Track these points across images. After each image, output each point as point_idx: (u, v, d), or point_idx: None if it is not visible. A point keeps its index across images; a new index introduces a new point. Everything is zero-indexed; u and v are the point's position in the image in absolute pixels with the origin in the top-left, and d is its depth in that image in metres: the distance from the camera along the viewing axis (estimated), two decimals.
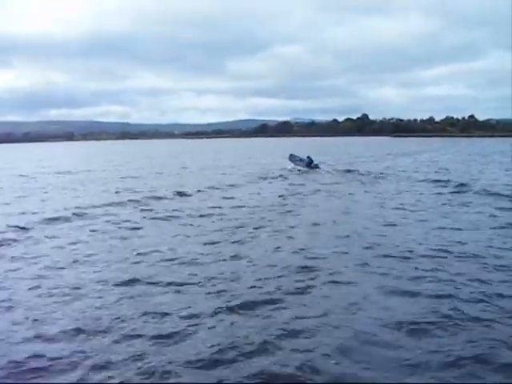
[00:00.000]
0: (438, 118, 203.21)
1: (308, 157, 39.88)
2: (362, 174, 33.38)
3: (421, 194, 23.36)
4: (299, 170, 38.27)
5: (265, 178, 32.28)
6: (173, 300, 8.87)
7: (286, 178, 32.38)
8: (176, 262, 11.40)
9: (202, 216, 17.65)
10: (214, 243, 13.25)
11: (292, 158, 41.65)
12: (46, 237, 14.28)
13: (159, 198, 22.35)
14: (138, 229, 15.57)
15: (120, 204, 20.56)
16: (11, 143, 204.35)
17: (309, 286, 9.45)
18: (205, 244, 13.13)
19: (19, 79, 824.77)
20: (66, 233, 14.95)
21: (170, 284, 9.75)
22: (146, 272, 10.61)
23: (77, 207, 19.40)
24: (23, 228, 15.39)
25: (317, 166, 38.98)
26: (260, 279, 9.97)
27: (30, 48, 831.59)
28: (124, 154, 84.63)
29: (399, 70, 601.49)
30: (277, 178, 32.81)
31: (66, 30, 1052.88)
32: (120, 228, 15.70)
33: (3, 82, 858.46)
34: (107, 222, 16.72)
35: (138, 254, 12.15)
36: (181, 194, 23.68)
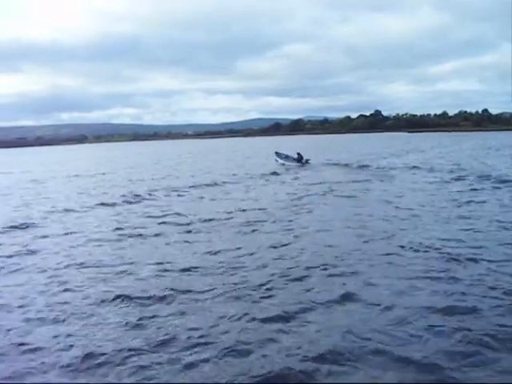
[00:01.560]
0: (451, 113, 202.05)
1: (298, 153, 41.81)
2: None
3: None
4: (284, 165, 40.68)
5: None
6: None
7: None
8: None
9: None
10: None
11: (278, 155, 43.84)
12: None
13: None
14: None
15: None
16: (24, 147, 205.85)
17: None
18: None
19: (30, 84, 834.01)
20: None
21: None
22: None
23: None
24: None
25: (307, 162, 40.64)
26: None
27: (40, 53, 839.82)
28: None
29: (410, 65, 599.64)
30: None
31: (75, 34, 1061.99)
32: None
33: (15, 87, 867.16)
34: None
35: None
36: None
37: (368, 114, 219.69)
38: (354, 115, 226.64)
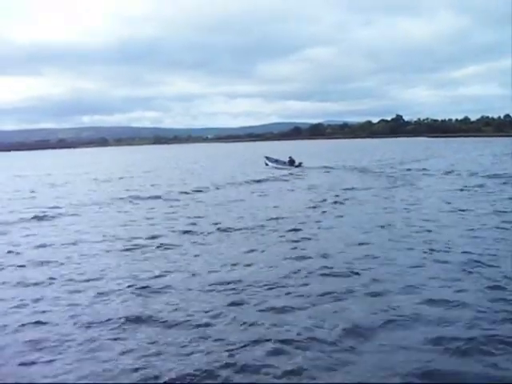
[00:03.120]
0: (472, 118, 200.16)
1: (290, 157, 43.64)
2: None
3: None
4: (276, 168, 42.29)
5: None
6: None
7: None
8: None
9: None
10: None
11: (268, 159, 45.88)
12: None
13: None
14: None
15: None
16: (46, 149, 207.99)
17: None
18: None
19: (52, 87, 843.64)
20: None
21: None
22: None
23: None
24: None
25: (300, 165, 42.11)
26: None
27: (62, 56, 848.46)
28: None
29: (431, 69, 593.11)
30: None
31: (96, 37, 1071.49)
32: None
33: (36, 90, 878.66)
34: None
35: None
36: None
37: (389, 118, 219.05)
38: (374, 120, 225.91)
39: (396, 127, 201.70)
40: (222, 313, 8.17)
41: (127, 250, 13.10)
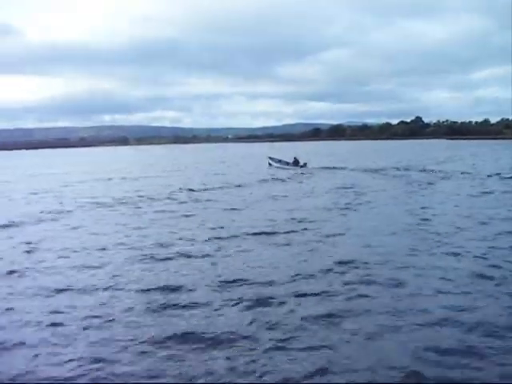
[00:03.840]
0: (493, 120, 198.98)
1: (294, 157, 44.33)
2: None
3: None
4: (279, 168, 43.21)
5: None
6: None
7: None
8: None
9: None
10: None
11: (272, 159, 46.83)
12: None
13: None
14: None
15: None
16: (67, 148, 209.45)
17: None
18: None
19: (70, 86, 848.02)
20: None
21: None
22: None
23: None
24: None
25: (305, 165, 42.77)
26: None
27: (82, 56, 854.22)
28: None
29: (451, 71, 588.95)
30: None
31: (114, 38, 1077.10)
32: None
33: (55, 89, 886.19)
34: None
35: None
36: None
37: (408, 120, 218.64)
38: (393, 121, 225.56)
39: (415, 129, 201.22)
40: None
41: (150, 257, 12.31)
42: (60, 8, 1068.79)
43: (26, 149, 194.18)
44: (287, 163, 44.36)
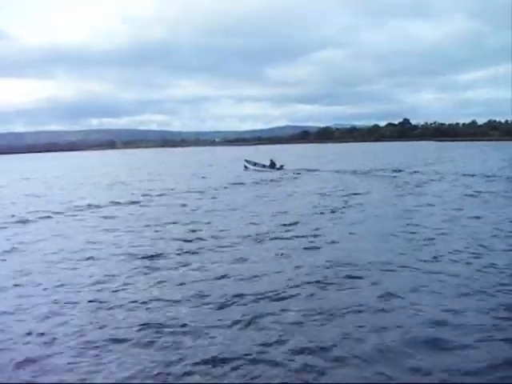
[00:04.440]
0: (480, 122, 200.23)
1: (271, 160, 44.48)
2: None
3: None
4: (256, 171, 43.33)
5: None
6: None
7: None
8: None
9: None
10: None
11: (248, 162, 46.98)
12: None
13: None
14: None
15: None
16: (56, 152, 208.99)
17: None
18: None
19: (61, 89, 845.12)
20: None
21: None
22: None
23: None
24: None
25: (282, 167, 43.05)
26: None
27: (70, 59, 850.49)
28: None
29: (439, 73, 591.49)
30: None
31: (104, 40, 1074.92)
32: None
33: (45, 92, 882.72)
34: None
35: None
36: None
37: (396, 122, 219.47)
38: (381, 123, 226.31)
39: (404, 131, 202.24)
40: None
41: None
42: (51, 10, 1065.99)
43: (17, 153, 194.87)
44: (263, 166, 44.64)
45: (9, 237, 15.98)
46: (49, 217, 20.06)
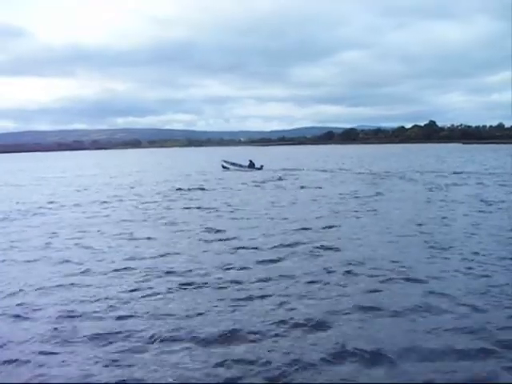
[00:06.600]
0: (507, 124, 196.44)
1: (250, 160, 44.88)
2: None
3: None
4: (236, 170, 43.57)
5: None
6: None
7: None
8: None
9: None
10: None
11: (226, 162, 46.82)
12: None
13: None
14: None
15: None
16: (80, 150, 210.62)
17: None
18: None
19: (83, 88, 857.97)
20: None
21: None
22: None
23: None
24: None
25: (261, 168, 43.49)
26: None
27: (93, 58, 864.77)
28: None
29: (466, 75, 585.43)
30: None
31: (128, 40, 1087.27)
32: None
33: (68, 91, 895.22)
34: None
35: None
36: None
37: (422, 124, 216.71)
38: (407, 125, 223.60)
39: (429, 133, 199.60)
40: None
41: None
42: (75, 9, 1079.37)
43: (40, 151, 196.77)
44: (241, 166, 45.11)
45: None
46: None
